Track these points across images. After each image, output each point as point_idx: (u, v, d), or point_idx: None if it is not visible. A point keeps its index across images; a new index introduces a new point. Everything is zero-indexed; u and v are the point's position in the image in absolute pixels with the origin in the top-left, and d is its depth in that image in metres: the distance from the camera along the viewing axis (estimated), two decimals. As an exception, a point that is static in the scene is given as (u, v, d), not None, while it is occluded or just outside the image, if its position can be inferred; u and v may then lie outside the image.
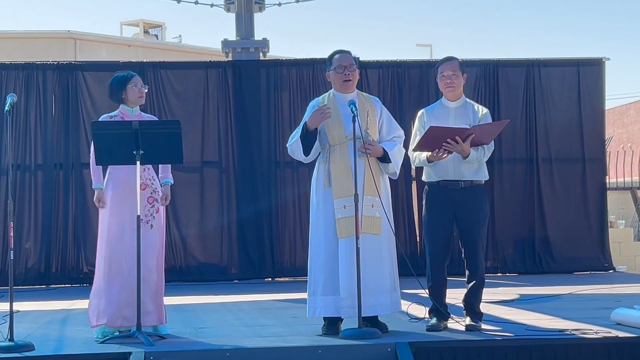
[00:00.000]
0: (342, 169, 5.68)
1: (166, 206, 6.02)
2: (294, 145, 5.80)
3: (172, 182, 6.00)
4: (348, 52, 5.91)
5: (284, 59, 12.12)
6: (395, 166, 5.83)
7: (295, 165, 10.79)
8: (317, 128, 5.71)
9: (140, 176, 5.68)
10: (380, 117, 5.90)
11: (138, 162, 5.57)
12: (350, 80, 5.82)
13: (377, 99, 6.06)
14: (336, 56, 5.87)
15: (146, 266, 5.69)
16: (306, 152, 5.76)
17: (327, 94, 5.95)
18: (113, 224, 5.78)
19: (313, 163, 5.97)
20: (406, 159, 6.02)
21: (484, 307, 6.02)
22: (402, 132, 5.94)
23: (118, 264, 5.73)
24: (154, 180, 5.93)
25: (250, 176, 11.02)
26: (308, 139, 5.73)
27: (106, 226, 5.80)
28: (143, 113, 6.07)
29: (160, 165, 5.99)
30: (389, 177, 5.95)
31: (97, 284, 5.83)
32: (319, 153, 5.84)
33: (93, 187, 5.92)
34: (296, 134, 5.80)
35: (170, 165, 6.02)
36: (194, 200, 10.94)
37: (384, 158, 5.77)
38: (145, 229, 5.75)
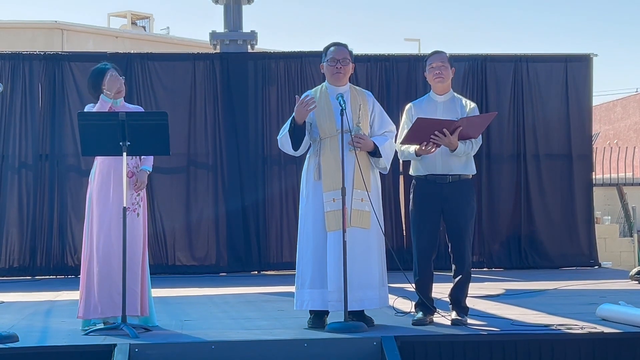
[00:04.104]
0: (332, 162, 5.67)
1: (152, 198, 5.99)
2: (283, 139, 5.79)
3: (150, 170, 5.96)
4: (344, 46, 5.88)
5: (272, 52, 12.08)
6: (386, 161, 5.82)
7: (283, 159, 10.78)
8: (305, 121, 5.70)
9: (128, 164, 5.66)
10: (373, 111, 5.89)
11: (124, 154, 5.55)
12: (341, 73, 5.81)
13: (370, 93, 6.03)
14: (331, 48, 5.86)
15: (135, 255, 5.69)
16: (295, 146, 5.75)
17: (319, 86, 5.94)
18: (102, 214, 5.74)
19: (302, 157, 5.95)
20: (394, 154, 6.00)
21: (470, 302, 6.02)
22: (394, 128, 5.93)
23: (109, 254, 5.68)
24: (139, 168, 5.89)
25: (237, 169, 10.99)
26: (297, 133, 5.71)
27: (95, 217, 5.76)
28: (128, 104, 6.03)
29: None
30: (380, 172, 5.94)
31: (89, 275, 5.77)
32: (310, 146, 5.83)
33: None
34: (286, 127, 5.79)
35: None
36: (180, 192, 10.90)
37: (375, 152, 5.76)
38: (132, 217, 5.74)
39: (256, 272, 10.97)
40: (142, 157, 5.91)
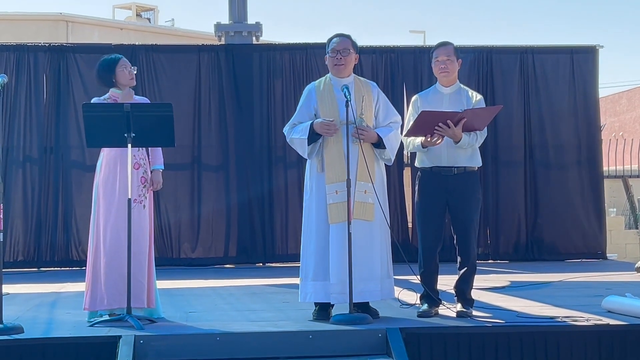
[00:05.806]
0: (336, 154, 5.65)
1: (157, 190, 5.98)
2: (296, 141, 5.73)
3: (163, 168, 5.96)
4: (347, 36, 5.83)
5: (277, 43, 12.06)
6: (391, 152, 5.77)
7: (288, 151, 10.76)
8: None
9: (134, 155, 5.65)
10: (377, 102, 5.85)
11: (129, 145, 5.53)
12: (342, 64, 5.77)
13: (375, 83, 5.98)
14: (334, 39, 5.81)
15: (140, 246, 5.68)
16: (309, 152, 5.71)
17: (323, 77, 5.90)
18: (109, 205, 5.73)
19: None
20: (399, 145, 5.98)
21: (475, 294, 6.01)
22: (399, 118, 5.90)
23: (117, 246, 5.68)
24: (146, 160, 5.89)
25: (242, 161, 10.99)
26: (313, 139, 5.69)
27: (102, 208, 5.75)
28: (135, 96, 6.00)
29: (149, 150, 5.94)
30: (385, 163, 5.91)
31: (95, 267, 5.76)
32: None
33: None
34: (300, 129, 5.71)
35: (160, 150, 5.98)
36: (185, 185, 10.91)
37: (379, 144, 5.73)
38: (139, 209, 5.72)
39: (261, 264, 10.97)
40: (151, 154, 5.90)
